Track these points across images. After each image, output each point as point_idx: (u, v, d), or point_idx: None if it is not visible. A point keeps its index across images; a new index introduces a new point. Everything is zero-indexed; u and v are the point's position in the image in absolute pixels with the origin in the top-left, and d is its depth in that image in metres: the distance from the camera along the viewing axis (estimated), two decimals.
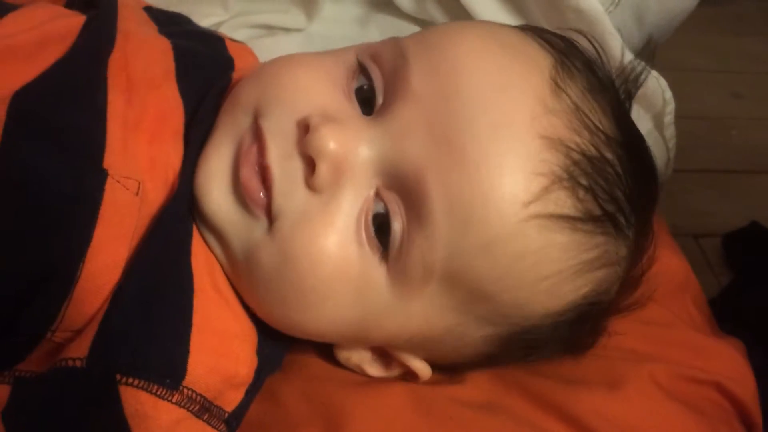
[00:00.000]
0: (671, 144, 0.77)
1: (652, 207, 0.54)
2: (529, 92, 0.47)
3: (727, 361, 0.61)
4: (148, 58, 0.53)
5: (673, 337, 0.61)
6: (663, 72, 0.71)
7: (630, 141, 0.51)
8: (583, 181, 0.47)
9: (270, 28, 0.77)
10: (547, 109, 0.47)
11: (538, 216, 0.46)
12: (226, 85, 0.56)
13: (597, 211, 0.48)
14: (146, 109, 0.50)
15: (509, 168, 0.45)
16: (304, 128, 0.47)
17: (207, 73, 0.56)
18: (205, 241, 0.50)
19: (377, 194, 0.48)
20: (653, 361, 0.57)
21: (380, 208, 0.48)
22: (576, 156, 0.47)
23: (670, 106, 0.74)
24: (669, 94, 0.73)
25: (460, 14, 0.73)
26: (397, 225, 0.47)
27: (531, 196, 0.45)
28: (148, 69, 0.52)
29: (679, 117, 0.79)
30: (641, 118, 0.73)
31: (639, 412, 0.54)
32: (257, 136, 0.49)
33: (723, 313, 1.03)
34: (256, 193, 0.48)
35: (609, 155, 0.48)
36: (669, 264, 0.64)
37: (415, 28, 0.77)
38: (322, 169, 0.46)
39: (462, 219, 0.46)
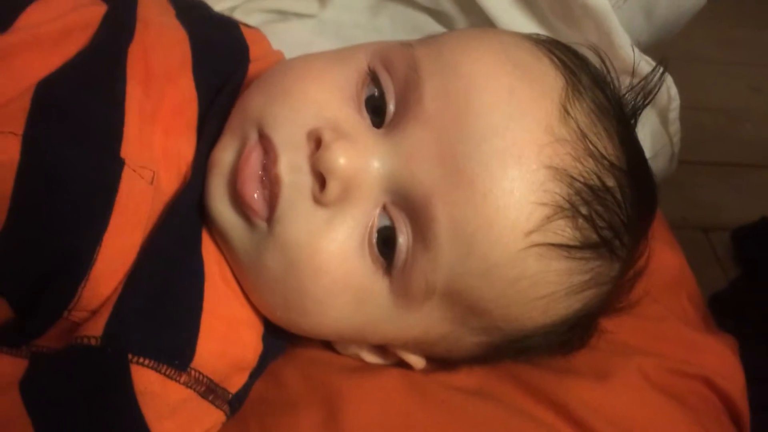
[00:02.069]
0: (676, 139, 0.77)
1: (648, 227, 0.55)
2: (539, 119, 0.47)
3: (717, 357, 0.61)
4: (166, 48, 0.54)
5: (664, 331, 0.62)
6: (678, 63, 0.71)
7: (632, 166, 0.52)
8: (584, 210, 0.48)
9: (283, 14, 0.78)
10: (554, 137, 0.47)
11: (537, 245, 0.47)
12: (241, 79, 0.57)
13: (594, 239, 0.49)
14: (162, 101, 0.51)
15: (514, 199, 0.46)
16: (316, 142, 0.48)
17: (223, 63, 0.57)
18: (212, 236, 0.51)
19: (384, 209, 0.49)
20: (642, 354, 0.58)
21: (386, 222, 0.49)
22: (578, 185, 0.47)
23: (675, 102, 0.74)
24: (674, 90, 0.73)
25: (470, 5, 0.74)
26: (402, 242, 0.48)
27: (533, 225, 0.46)
28: (165, 60, 0.53)
29: (694, 109, 0.79)
30: (646, 114, 0.73)
31: (626, 403, 0.55)
32: (266, 146, 0.49)
33: (727, 308, 1.04)
34: (254, 202, 0.48)
35: (611, 183, 0.49)
36: (664, 259, 0.65)
37: (425, 18, 0.78)
38: (332, 187, 0.47)
39: (465, 245, 0.47)
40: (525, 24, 0.72)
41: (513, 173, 0.46)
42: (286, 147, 0.48)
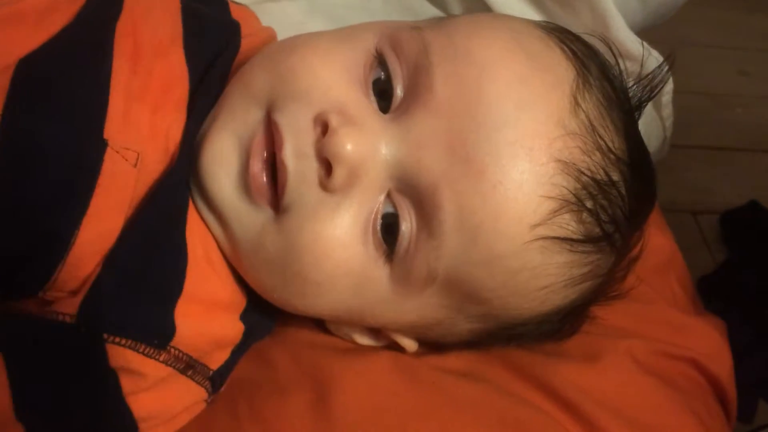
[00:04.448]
0: (668, 123, 0.77)
1: (646, 220, 0.55)
2: (550, 111, 0.47)
3: (705, 339, 0.62)
4: (156, 22, 0.53)
5: (653, 314, 0.62)
6: (669, 47, 0.71)
7: (636, 159, 0.52)
8: (589, 204, 0.48)
9: None
10: (564, 130, 0.47)
11: (542, 238, 0.47)
12: (234, 54, 0.55)
13: (597, 233, 0.49)
14: (151, 78, 0.50)
15: (523, 192, 0.46)
16: (322, 127, 0.47)
17: (214, 38, 0.56)
18: (203, 217, 0.51)
19: (388, 195, 0.48)
20: (631, 336, 0.59)
21: (389, 208, 0.48)
22: (585, 180, 0.47)
23: (669, 87, 0.74)
24: (668, 75, 0.73)
25: None
26: (405, 229, 0.48)
27: (539, 219, 0.46)
28: (155, 33, 0.52)
29: (684, 92, 0.79)
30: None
31: (614, 385, 0.56)
32: (272, 130, 0.48)
33: (715, 290, 1.05)
34: (264, 188, 0.48)
35: (616, 176, 0.49)
36: (654, 242, 0.65)
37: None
38: (339, 173, 0.46)
39: (471, 235, 0.46)
40: (519, 6, 0.72)
41: (523, 166, 0.46)
42: (291, 132, 0.47)
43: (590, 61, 0.51)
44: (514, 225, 0.46)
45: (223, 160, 0.49)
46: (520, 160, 0.46)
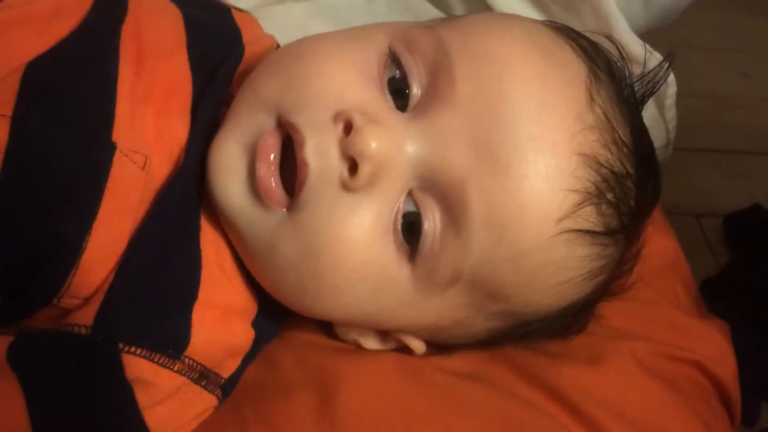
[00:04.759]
0: (671, 126, 0.77)
1: (651, 212, 0.56)
2: (570, 106, 0.48)
3: (709, 342, 0.62)
4: (160, 26, 0.53)
5: (657, 316, 0.62)
6: (672, 49, 0.71)
7: (644, 151, 0.52)
8: (609, 196, 0.48)
9: None
10: (584, 124, 0.47)
11: (567, 231, 0.47)
12: (237, 61, 0.55)
13: (616, 224, 0.49)
14: (155, 81, 0.50)
15: (548, 186, 0.46)
16: (345, 125, 0.46)
17: (217, 44, 0.56)
18: (213, 223, 0.50)
19: (409, 194, 0.48)
20: (635, 339, 0.59)
21: (410, 207, 0.48)
22: (605, 172, 0.48)
23: (672, 89, 0.74)
24: (671, 77, 0.73)
25: None
26: (429, 228, 0.47)
27: (564, 212, 0.47)
28: (159, 38, 0.52)
29: (687, 95, 0.79)
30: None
31: (617, 387, 0.56)
32: (283, 133, 0.48)
33: (719, 293, 1.05)
34: (273, 190, 0.47)
35: (630, 169, 0.50)
36: (658, 244, 0.65)
37: (421, 1, 0.78)
38: (365, 171, 0.46)
39: (498, 231, 0.46)
40: (521, 7, 0.72)
41: (548, 160, 0.46)
42: (311, 130, 0.47)
43: (598, 58, 0.52)
44: (540, 219, 0.46)
45: (230, 168, 0.48)
46: (545, 154, 0.46)
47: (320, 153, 0.46)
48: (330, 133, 0.47)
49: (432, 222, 0.47)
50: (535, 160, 0.46)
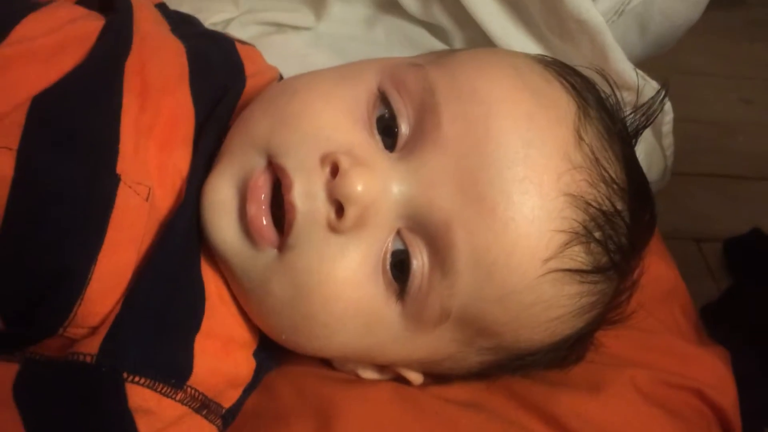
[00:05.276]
0: (669, 152, 0.78)
1: (646, 246, 0.56)
2: (557, 146, 0.48)
3: (709, 369, 0.62)
4: (163, 61, 0.54)
5: (657, 343, 0.62)
6: (671, 75, 0.72)
7: (636, 188, 0.52)
8: (597, 235, 0.48)
9: (279, 26, 0.78)
10: (571, 164, 0.48)
11: (554, 271, 0.47)
12: (238, 94, 0.56)
13: (605, 262, 0.50)
14: (159, 114, 0.51)
15: (534, 227, 0.46)
16: (332, 168, 0.47)
17: (219, 78, 0.57)
18: (213, 255, 0.51)
19: (398, 233, 0.48)
20: (635, 366, 0.59)
21: (399, 246, 0.48)
22: (593, 211, 0.48)
23: (669, 116, 0.75)
24: (668, 105, 0.74)
25: (465, 19, 0.75)
26: (417, 267, 0.48)
27: (550, 252, 0.47)
28: (162, 72, 0.53)
29: (687, 120, 0.80)
30: None
31: (617, 415, 0.55)
32: (274, 174, 0.48)
33: (719, 318, 1.05)
34: (264, 229, 0.48)
35: (621, 206, 0.50)
36: (657, 271, 0.65)
37: (420, 31, 0.78)
38: (351, 214, 0.46)
39: (485, 272, 0.47)
40: (521, 39, 0.73)
41: (534, 201, 0.46)
42: (299, 173, 0.47)
43: (588, 94, 0.52)
44: (527, 260, 0.47)
45: (222, 207, 0.49)
46: (531, 196, 0.46)
47: (308, 196, 0.47)
48: (317, 175, 0.47)
49: (420, 261, 0.48)
50: (520, 201, 0.46)
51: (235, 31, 0.74)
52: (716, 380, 0.62)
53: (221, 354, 0.49)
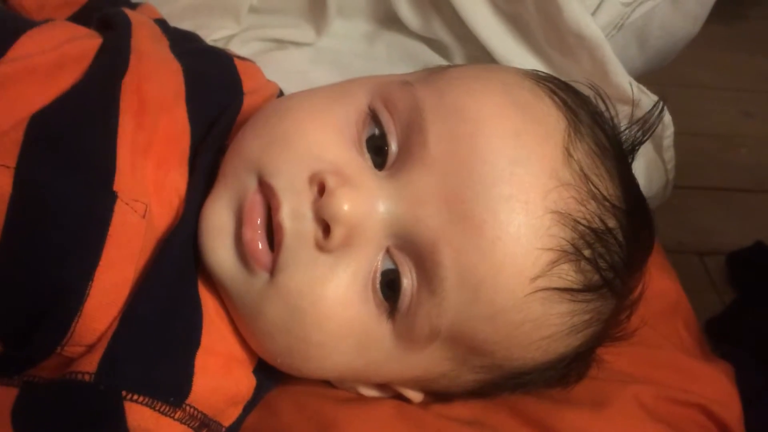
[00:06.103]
0: (670, 166, 0.78)
1: (645, 263, 0.55)
2: (544, 164, 0.47)
3: (714, 385, 0.61)
4: (160, 79, 0.54)
5: (661, 359, 0.62)
6: (673, 88, 0.72)
7: (632, 204, 0.52)
8: (587, 253, 0.48)
9: (280, 42, 0.79)
10: (558, 181, 0.47)
11: (543, 290, 0.47)
12: (236, 113, 0.56)
13: (597, 281, 0.49)
14: (156, 133, 0.51)
15: (521, 246, 0.46)
16: (319, 187, 0.47)
17: (216, 95, 0.57)
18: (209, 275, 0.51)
19: (387, 252, 0.48)
20: (639, 382, 0.58)
21: (389, 264, 0.48)
22: (582, 229, 0.48)
23: (669, 130, 0.75)
24: (668, 118, 0.74)
25: (466, 35, 0.75)
26: (407, 285, 0.48)
27: (538, 271, 0.47)
28: (159, 91, 0.53)
29: (689, 134, 0.80)
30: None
31: (621, 431, 0.55)
32: (268, 193, 0.48)
33: (723, 332, 1.04)
34: (260, 252, 0.48)
35: (612, 224, 0.49)
36: (660, 286, 0.65)
37: (421, 46, 0.79)
38: (337, 234, 0.46)
39: (472, 290, 0.46)
40: (520, 54, 0.73)
41: (520, 219, 0.46)
42: (287, 193, 0.48)
43: (580, 110, 0.52)
44: (514, 279, 0.46)
45: (219, 231, 0.49)
46: (517, 214, 0.46)
47: (296, 216, 0.47)
48: (305, 195, 0.47)
49: (410, 279, 0.48)
50: (507, 220, 0.46)
51: (236, 48, 0.75)
52: (721, 395, 0.61)
53: (222, 371, 0.49)
